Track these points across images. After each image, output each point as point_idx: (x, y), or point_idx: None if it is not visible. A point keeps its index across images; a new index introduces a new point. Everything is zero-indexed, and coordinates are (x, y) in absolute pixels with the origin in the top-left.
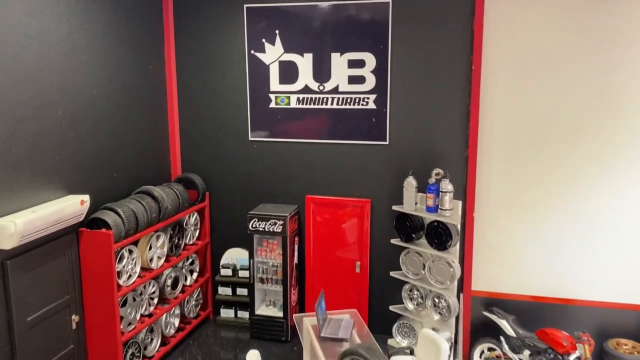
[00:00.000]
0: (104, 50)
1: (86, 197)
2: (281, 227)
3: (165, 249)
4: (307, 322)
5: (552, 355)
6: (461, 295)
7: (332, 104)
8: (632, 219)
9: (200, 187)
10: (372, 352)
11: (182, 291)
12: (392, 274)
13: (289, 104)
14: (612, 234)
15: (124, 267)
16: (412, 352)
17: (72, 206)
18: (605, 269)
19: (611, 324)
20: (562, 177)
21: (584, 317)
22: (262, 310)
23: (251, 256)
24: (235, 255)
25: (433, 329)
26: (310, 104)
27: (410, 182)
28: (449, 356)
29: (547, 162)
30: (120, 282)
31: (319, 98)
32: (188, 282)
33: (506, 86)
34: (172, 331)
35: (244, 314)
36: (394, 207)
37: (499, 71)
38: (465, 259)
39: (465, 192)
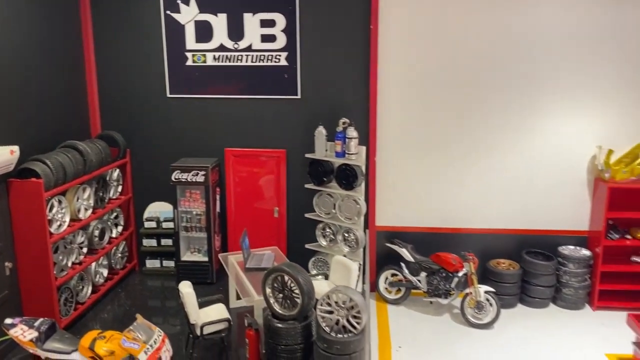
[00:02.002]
0: (25, 8)
1: (15, 148)
2: (203, 177)
3: (92, 202)
4: (232, 259)
5: (444, 274)
6: (367, 230)
7: (246, 61)
8: (507, 158)
9: (121, 143)
10: (294, 268)
11: (109, 242)
12: (306, 215)
13: (205, 61)
14: (490, 171)
15: (54, 215)
16: (326, 278)
17: (2, 156)
18: (486, 201)
19: (492, 247)
20: (450, 124)
21: (470, 242)
22: (187, 257)
23: (175, 206)
24: (158, 209)
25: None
26: (225, 61)
27: (321, 132)
28: (358, 282)
29: (437, 110)
30: (51, 230)
31: (234, 56)
32: (114, 235)
33: (401, 44)
34: (102, 280)
35: (169, 263)
36: (307, 155)
37: (393, 30)
38: (369, 198)
39: (368, 139)
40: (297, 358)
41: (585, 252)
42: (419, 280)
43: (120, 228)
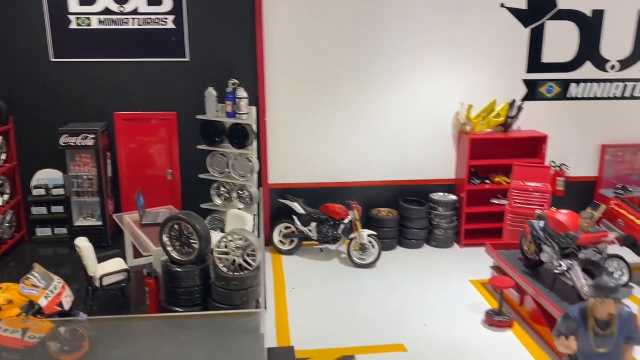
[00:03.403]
0: None
1: None
2: (93, 140)
3: None
4: (127, 218)
5: (332, 222)
6: (261, 189)
7: (133, 24)
8: (384, 119)
9: (2, 109)
10: (191, 215)
11: None
12: (200, 176)
13: (90, 25)
14: (370, 131)
15: None
16: (223, 232)
17: None
18: (367, 158)
19: (373, 198)
20: (333, 86)
21: (355, 194)
22: (81, 222)
23: (65, 172)
24: (46, 176)
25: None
26: (112, 24)
27: (211, 93)
28: (253, 231)
29: (321, 73)
30: None
31: (120, 19)
32: (0, 204)
33: (285, 8)
34: None
35: (62, 230)
36: (198, 117)
37: None
38: (261, 158)
39: (258, 100)
40: (196, 299)
41: (452, 197)
42: (310, 230)
43: (6, 197)
